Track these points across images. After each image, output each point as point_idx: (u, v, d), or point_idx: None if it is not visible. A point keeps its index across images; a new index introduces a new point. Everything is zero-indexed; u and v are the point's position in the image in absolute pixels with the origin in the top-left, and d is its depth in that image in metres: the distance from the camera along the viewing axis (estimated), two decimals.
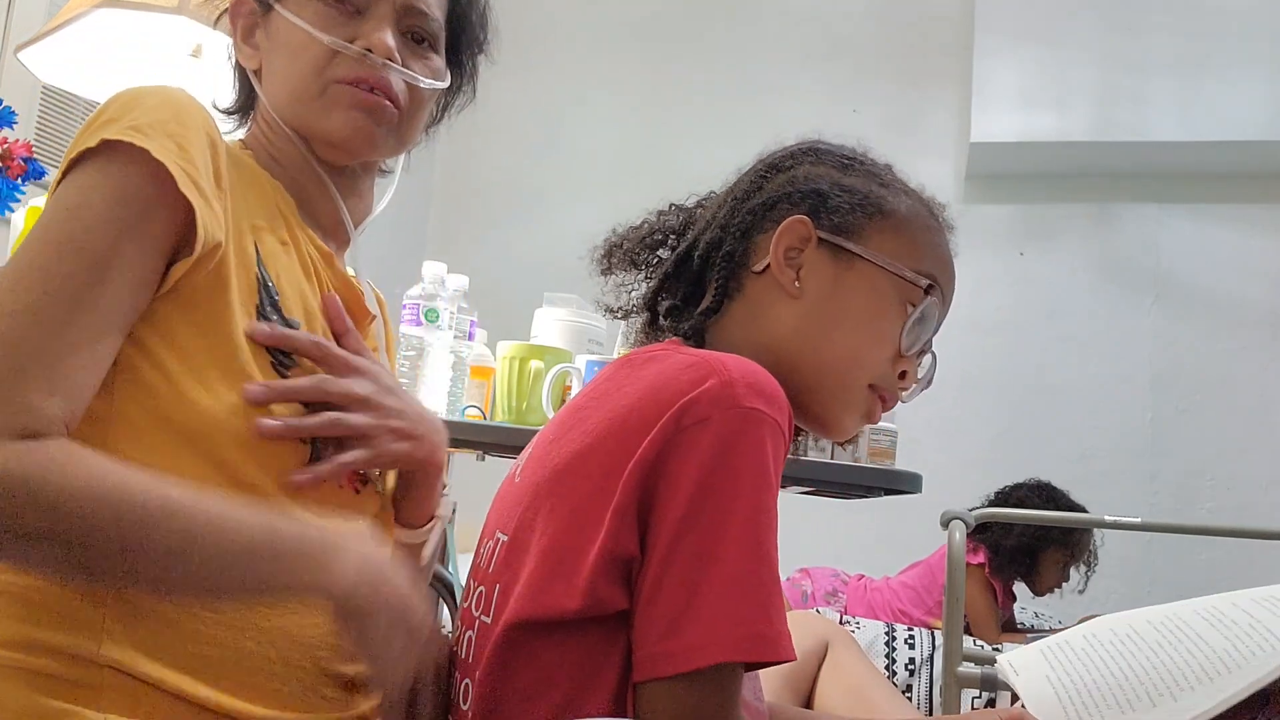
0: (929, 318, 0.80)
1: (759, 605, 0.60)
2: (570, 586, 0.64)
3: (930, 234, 0.82)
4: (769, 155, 0.88)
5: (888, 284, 0.78)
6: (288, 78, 0.83)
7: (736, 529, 0.61)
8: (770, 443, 0.63)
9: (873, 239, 0.79)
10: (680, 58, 3.80)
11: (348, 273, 0.88)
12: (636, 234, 0.90)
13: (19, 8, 2.22)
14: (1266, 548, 2.88)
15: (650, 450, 0.63)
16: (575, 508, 0.66)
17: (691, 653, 0.59)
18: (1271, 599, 0.72)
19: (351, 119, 0.82)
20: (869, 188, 0.81)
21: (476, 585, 0.74)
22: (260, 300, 0.74)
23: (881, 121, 3.59)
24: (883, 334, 0.78)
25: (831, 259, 0.78)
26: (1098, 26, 3.21)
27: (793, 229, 0.79)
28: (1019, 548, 2.60)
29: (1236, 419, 3.20)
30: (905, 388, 0.81)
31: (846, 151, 0.86)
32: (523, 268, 3.47)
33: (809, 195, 0.80)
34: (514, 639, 0.66)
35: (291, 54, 0.83)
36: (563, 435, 0.72)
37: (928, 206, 0.84)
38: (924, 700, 2.21)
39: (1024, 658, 0.80)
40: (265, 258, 0.76)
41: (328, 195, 0.86)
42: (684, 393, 0.63)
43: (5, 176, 1.59)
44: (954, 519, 1.77)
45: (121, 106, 0.70)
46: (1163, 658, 0.70)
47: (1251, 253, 3.28)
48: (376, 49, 0.82)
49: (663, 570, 0.61)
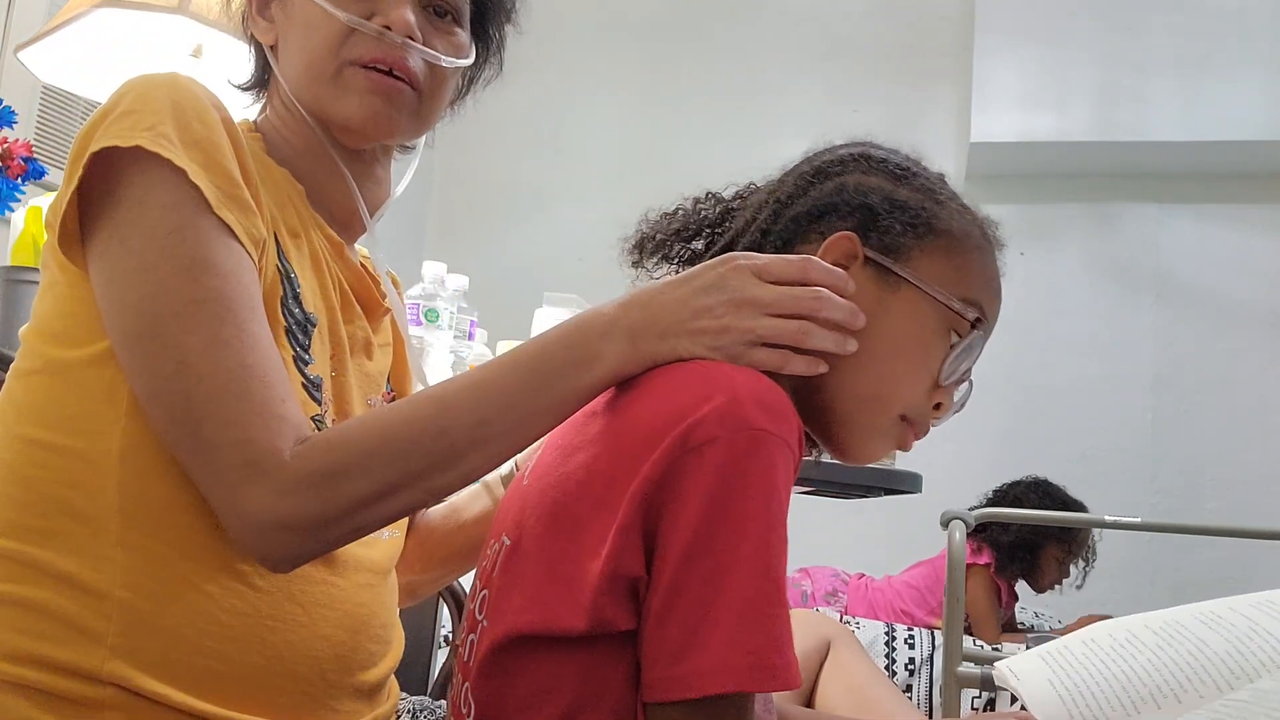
0: (973, 349, 0.75)
1: (769, 634, 0.59)
2: (575, 605, 0.62)
3: (981, 257, 0.77)
4: (816, 158, 0.82)
5: (933, 312, 0.74)
6: (302, 56, 0.80)
7: (747, 553, 0.59)
8: (780, 463, 0.61)
9: (922, 262, 0.74)
10: (680, 57, 3.80)
11: (358, 262, 0.85)
12: (669, 224, 0.84)
13: (19, 8, 2.22)
14: (1266, 548, 2.88)
15: (655, 469, 0.61)
16: (578, 522, 0.64)
17: (702, 678, 0.58)
18: (1269, 603, 0.71)
19: (367, 103, 0.79)
20: (922, 204, 0.76)
21: (481, 588, 0.73)
22: (284, 293, 0.73)
23: (881, 121, 3.58)
24: (923, 364, 0.74)
25: (877, 280, 0.74)
26: (1098, 26, 3.21)
27: (839, 245, 0.74)
28: (1017, 544, 2.61)
29: (1236, 419, 3.20)
30: (939, 418, 0.77)
31: (899, 160, 0.80)
32: (523, 268, 3.47)
33: (859, 209, 0.75)
34: (514, 648, 0.65)
35: (306, 30, 0.79)
36: (572, 440, 0.70)
37: (980, 225, 0.79)
38: (924, 700, 2.21)
39: (1023, 663, 0.79)
40: (285, 249, 0.75)
41: (342, 182, 0.83)
42: (689, 410, 0.61)
43: (5, 176, 1.58)
44: (954, 519, 1.77)
45: (138, 99, 0.68)
46: (1164, 659, 0.70)
47: (1251, 253, 3.28)
48: (396, 26, 0.78)
49: (671, 593, 0.60)
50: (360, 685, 0.76)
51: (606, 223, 0.92)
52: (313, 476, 0.62)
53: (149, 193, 0.66)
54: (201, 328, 0.63)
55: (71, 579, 0.65)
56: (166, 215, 0.65)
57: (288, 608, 0.70)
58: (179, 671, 0.65)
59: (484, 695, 0.68)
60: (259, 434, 0.62)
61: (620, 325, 0.66)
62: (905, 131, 0.86)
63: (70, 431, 0.67)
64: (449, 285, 1.66)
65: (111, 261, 0.66)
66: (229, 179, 0.68)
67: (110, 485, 0.66)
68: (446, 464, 0.64)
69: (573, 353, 0.66)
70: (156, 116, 0.66)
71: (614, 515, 0.62)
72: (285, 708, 0.69)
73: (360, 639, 0.76)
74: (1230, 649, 0.67)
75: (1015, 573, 2.65)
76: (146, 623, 0.65)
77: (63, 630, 0.64)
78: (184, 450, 0.64)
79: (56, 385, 0.69)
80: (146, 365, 0.64)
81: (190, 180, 0.65)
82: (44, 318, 0.72)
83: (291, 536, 0.62)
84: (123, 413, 0.67)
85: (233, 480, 0.62)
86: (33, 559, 0.65)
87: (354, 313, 0.83)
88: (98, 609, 0.64)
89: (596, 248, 3.64)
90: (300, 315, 0.74)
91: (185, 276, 0.64)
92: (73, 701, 0.63)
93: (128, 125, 0.66)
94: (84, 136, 0.67)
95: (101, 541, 0.65)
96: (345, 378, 0.79)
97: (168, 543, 0.66)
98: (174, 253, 0.65)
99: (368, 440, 0.63)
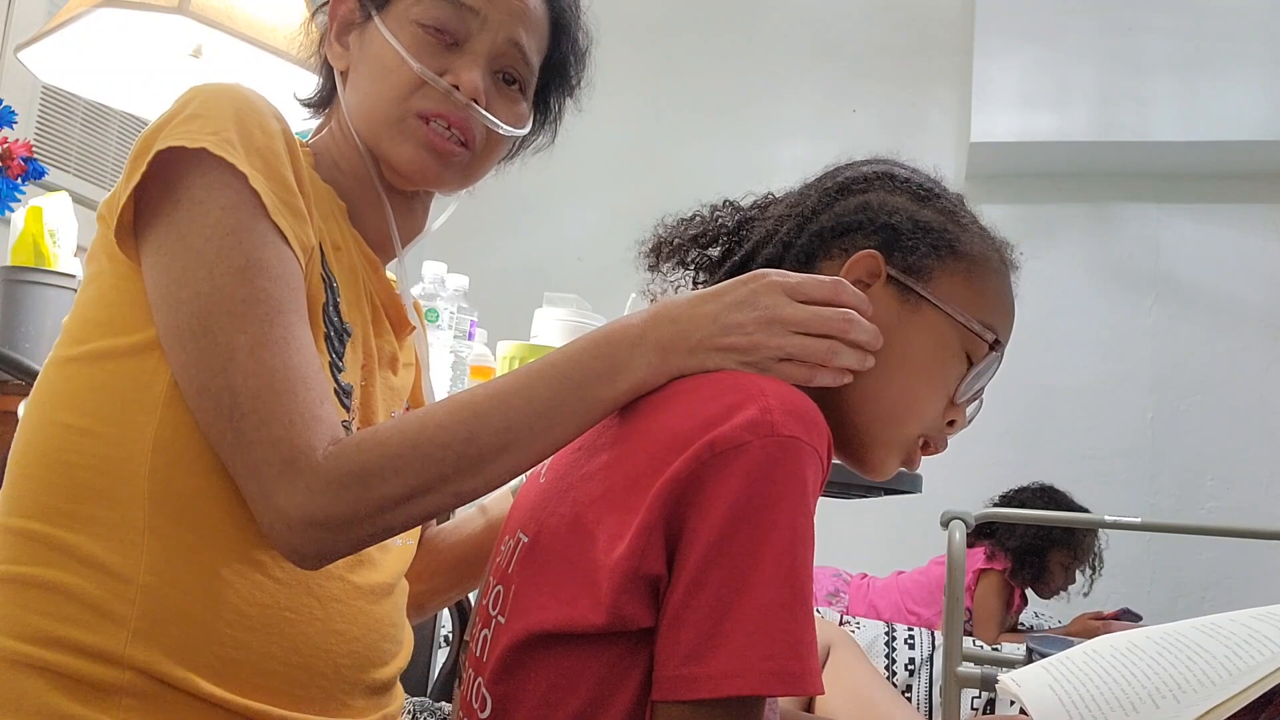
0: (988, 370, 0.78)
1: (790, 640, 0.59)
2: (594, 602, 0.62)
3: (998, 280, 0.79)
4: (839, 174, 0.83)
5: (952, 332, 0.75)
6: (370, 94, 0.82)
7: (772, 559, 0.59)
8: (809, 472, 0.61)
9: (943, 283, 0.76)
10: (680, 58, 3.80)
11: (390, 282, 0.88)
12: (687, 230, 0.85)
13: (19, 8, 2.22)
14: (1266, 548, 2.88)
15: (682, 469, 0.61)
16: (600, 519, 0.65)
17: (718, 680, 0.58)
18: (1269, 614, 0.72)
19: (420, 157, 0.81)
20: (945, 226, 0.78)
21: (495, 583, 0.73)
22: (326, 300, 0.75)
23: (881, 121, 3.59)
24: (941, 383, 0.76)
25: (898, 299, 0.75)
26: (1098, 26, 3.21)
27: (863, 263, 0.75)
28: (1024, 548, 2.61)
29: (1236, 419, 3.20)
30: (951, 433, 0.79)
31: (922, 180, 0.82)
32: (523, 268, 3.48)
33: (883, 228, 0.77)
34: (532, 645, 0.66)
35: (380, 71, 0.82)
36: (593, 440, 0.70)
37: (999, 249, 0.81)
38: (924, 700, 2.21)
39: (1026, 673, 0.80)
40: (329, 258, 0.77)
41: (381, 210, 0.85)
42: (722, 417, 0.61)
43: (5, 176, 1.59)
44: (954, 519, 1.78)
45: (203, 104, 0.70)
46: (1164, 664, 0.70)
47: (1251, 253, 3.28)
48: (465, 87, 0.81)
49: (691, 593, 0.60)
50: (372, 682, 0.77)
51: (606, 223, 0.93)
52: (346, 477, 0.63)
53: (209, 193, 0.68)
54: (251, 327, 0.65)
55: (98, 562, 0.66)
56: (225, 216, 0.67)
57: (305, 601, 0.71)
58: (198, 658, 0.66)
59: (501, 692, 0.68)
60: (296, 433, 0.64)
61: (650, 339, 0.68)
62: (905, 131, 0.87)
63: (106, 419, 0.69)
64: (449, 285, 1.66)
65: (169, 257, 0.68)
66: (286, 186, 0.71)
67: (142, 473, 0.67)
68: (474, 469, 0.66)
69: (602, 363, 0.68)
70: (221, 122, 0.69)
71: (637, 514, 0.62)
72: (301, 699, 0.71)
73: (374, 636, 0.77)
74: (1228, 653, 0.67)
75: (1025, 578, 2.65)
76: (169, 608, 0.66)
77: (86, 613, 0.65)
78: (224, 445, 0.65)
79: (96, 373, 0.70)
80: (196, 360, 0.66)
81: (250, 185, 0.68)
82: (87, 306, 0.74)
83: (323, 534, 0.63)
84: (160, 403, 0.68)
85: (269, 477, 0.63)
86: (60, 541, 0.67)
87: (384, 328, 0.86)
88: (122, 593, 0.65)
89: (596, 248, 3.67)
90: (339, 324, 0.76)
91: (239, 277, 0.66)
92: (92, 685, 0.64)
93: (195, 128, 0.68)
94: (149, 136, 0.70)
95: (129, 527, 0.67)
96: (373, 388, 0.81)
97: (194, 531, 0.67)
98: (230, 253, 0.67)
99: (400, 444, 0.65)
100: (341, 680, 0.73)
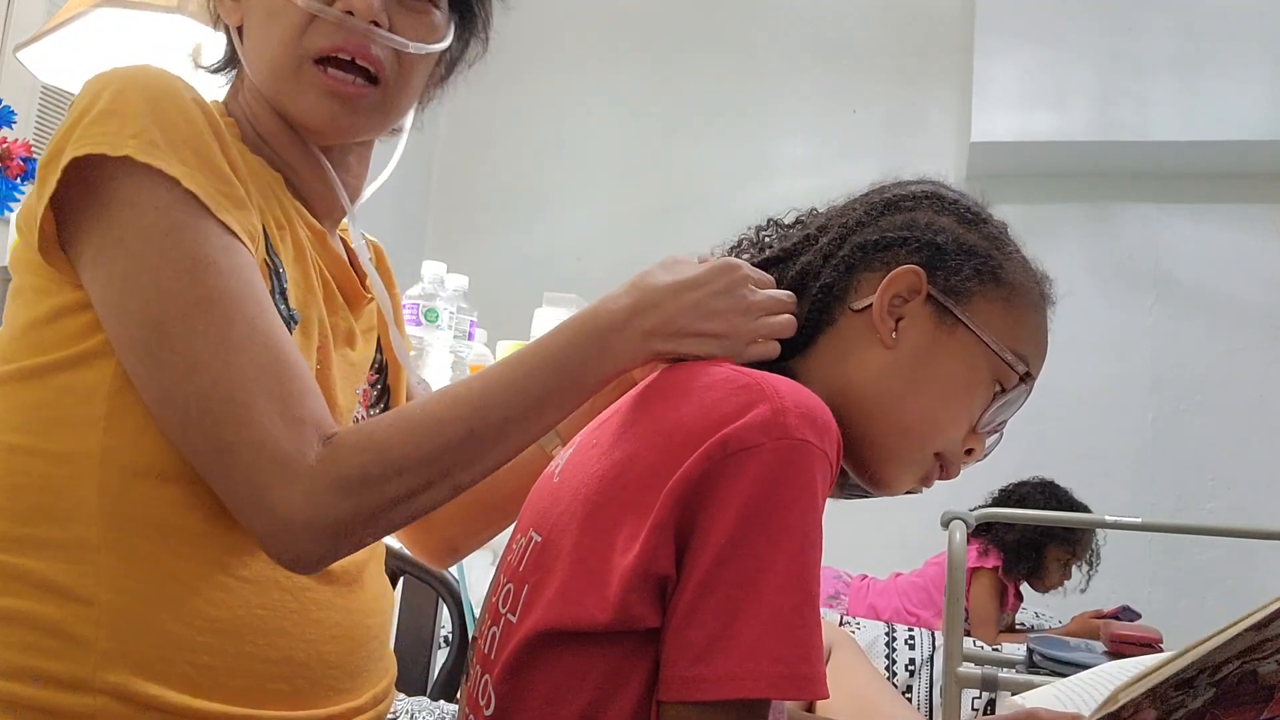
0: (1015, 402, 0.77)
1: (801, 643, 0.59)
2: (601, 599, 0.62)
3: (1035, 314, 0.79)
4: (888, 190, 0.83)
5: (984, 358, 0.75)
6: (263, 43, 0.77)
7: (782, 561, 0.59)
8: (819, 475, 0.61)
9: (981, 309, 0.76)
10: (680, 58, 3.80)
11: (340, 249, 0.84)
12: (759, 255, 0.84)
13: (19, 7, 2.22)
14: (1266, 548, 2.88)
15: (694, 469, 0.61)
16: (612, 519, 0.64)
17: (725, 682, 0.58)
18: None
19: (325, 106, 0.76)
20: (989, 252, 0.78)
21: (505, 581, 0.73)
22: (272, 288, 0.71)
23: (881, 121, 3.59)
24: (966, 408, 0.76)
25: (935, 318, 0.75)
26: (1098, 26, 3.21)
27: (905, 278, 0.75)
28: (1022, 543, 2.61)
29: (1236, 419, 3.20)
30: (968, 463, 0.79)
31: (970, 204, 0.82)
32: (523, 268, 3.48)
33: (927, 246, 0.77)
34: (539, 644, 0.66)
35: (268, 15, 0.76)
36: (605, 439, 0.70)
37: (1039, 283, 0.81)
38: (924, 700, 2.21)
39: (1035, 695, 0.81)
40: (273, 242, 0.73)
41: (320, 173, 0.80)
42: (734, 416, 0.61)
43: (4, 176, 1.58)
44: (954, 519, 1.77)
45: (115, 97, 0.65)
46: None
47: (1251, 253, 3.28)
48: (359, 10, 0.74)
49: (700, 594, 0.60)
50: (362, 662, 0.76)
51: (606, 223, 0.93)
52: (345, 481, 0.62)
53: (140, 194, 0.64)
54: (210, 330, 0.63)
55: (57, 586, 0.63)
56: (161, 217, 0.64)
57: (276, 595, 0.70)
58: (171, 671, 0.64)
59: (506, 690, 0.68)
60: (281, 433, 0.62)
61: (635, 326, 0.71)
62: (905, 131, 0.87)
63: (48, 436, 0.66)
64: (449, 285, 1.66)
65: (109, 266, 0.65)
66: (221, 177, 0.67)
67: (90, 487, 0.65)
68: (473, 462, 0.67)
69: (592, 350, 0.71)
70: (140, 121, 0.64)
71: (648, 514, 0.62)
72: (282, 695, 0.69)
73: (356, 616, 0.76)
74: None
75: (1021, 574, 2.65)
76: (135, 624, 0.64)
77: (50, 641, 0.63)
78: (202, 454, 0.63)
79: (32, 390, 0.67)
80: (155, 371, 0.63)
81: (184, 186, 0.64)
82: (14, 321, 0.70)
83: (326, 538, 0.62)
84: (101, 415, 0.66)
85: (261, 482, 0.61)
86: (14, 568, 0.64)
87: (336, 304, 0.81)
88: (85, 615, 0.63)
89: (596, 248, 3.68)
90: (286, 312, 0.73)
91: (187, 278, 0.63)
92: (63, 716, 0.62)
93: (112, 129, 0.64)
94: (60, 139, 0.65)
95: (84, 546, 0.64)
96: (330, 370, 0.78)
97: (151, 541, 0.65)
98: (173, 253, 0.63)
99: (400, 444, 0.64)
100: (328, 666, 0.72)
